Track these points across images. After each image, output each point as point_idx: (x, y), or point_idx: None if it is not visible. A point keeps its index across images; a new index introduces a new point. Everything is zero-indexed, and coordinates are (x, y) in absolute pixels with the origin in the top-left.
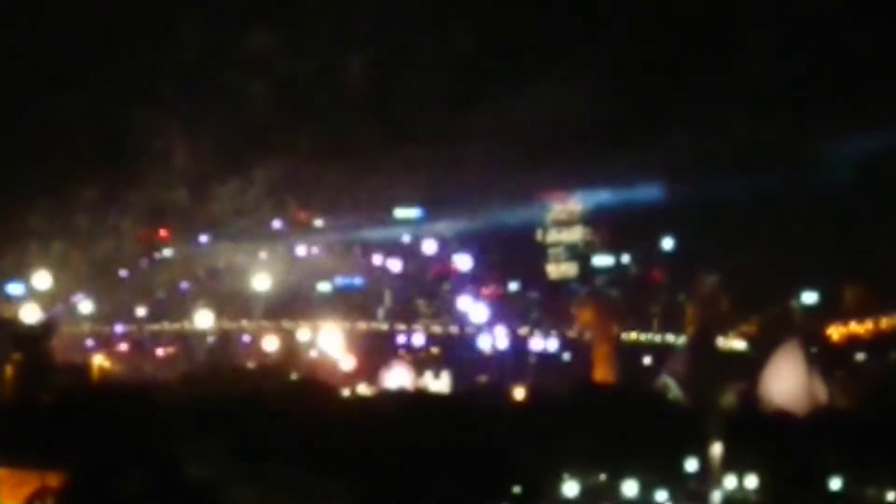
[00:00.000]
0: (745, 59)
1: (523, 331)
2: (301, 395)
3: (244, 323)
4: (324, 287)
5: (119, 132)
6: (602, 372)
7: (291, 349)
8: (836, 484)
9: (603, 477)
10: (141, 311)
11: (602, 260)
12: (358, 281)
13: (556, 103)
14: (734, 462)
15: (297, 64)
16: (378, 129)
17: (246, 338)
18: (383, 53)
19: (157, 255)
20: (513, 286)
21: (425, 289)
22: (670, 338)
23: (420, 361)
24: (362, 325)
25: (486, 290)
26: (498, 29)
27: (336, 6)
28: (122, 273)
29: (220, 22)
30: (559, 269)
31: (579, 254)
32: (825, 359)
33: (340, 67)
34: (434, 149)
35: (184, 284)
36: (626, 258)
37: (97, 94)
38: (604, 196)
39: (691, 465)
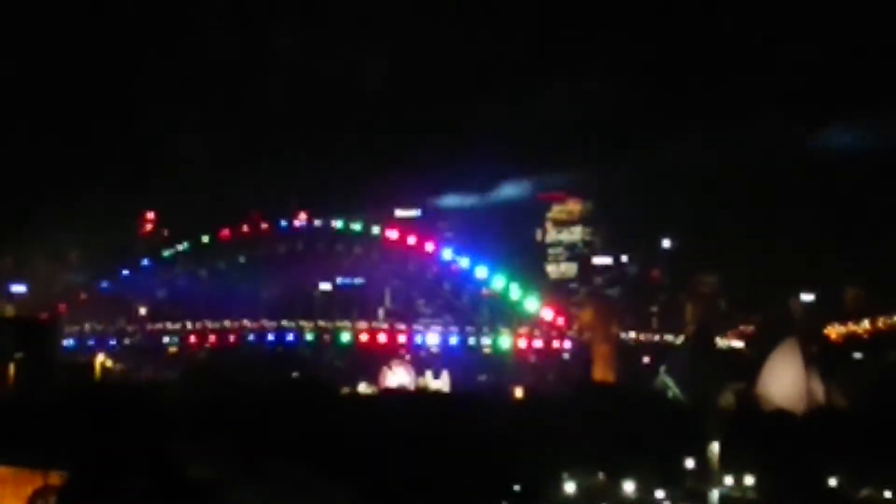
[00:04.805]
0: (747, 62)
1: (523, 330)
2: (302, 395)
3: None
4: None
5: (130, 132)
6: (601, 371)
7: None
8: (833, 482)
9: (602, 476)
10: None
11: (602, 260)
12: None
13: (558, 105)
14: (732, 461)
15: (296, 65)
16: (379, 130)
17: None
18: (388, 55)
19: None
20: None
21: (425, 289)
22: (669, 337)
23: (420, 361)
24: None
25: (486, 291)
26: (502, 31)
27: (337, 7)
28: None
29: (222, 22)
30: (558, 269)
31: (578, 254)
32: (823, 358)
33: (346, 68)
34: (436, 150)
35: None
36: (625, 258)
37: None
38: (604, 196)
39: (690, 464)
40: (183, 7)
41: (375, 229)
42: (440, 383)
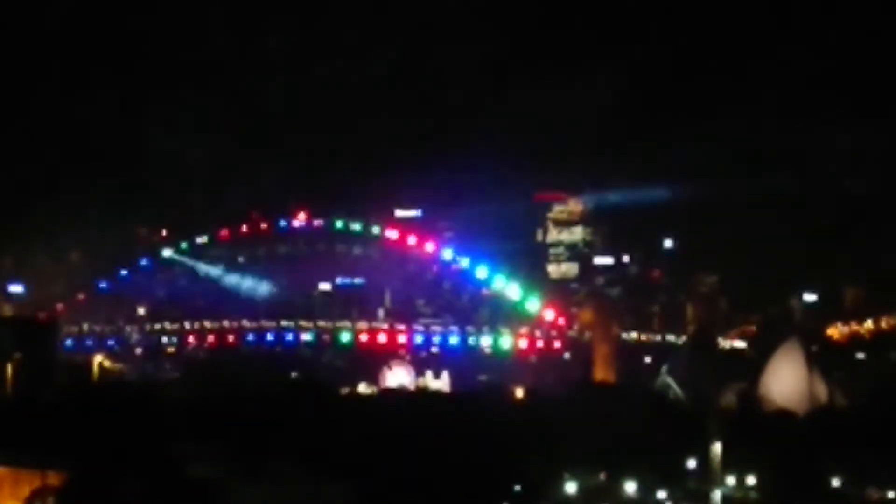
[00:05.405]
0: (748, 62)
1: (523, 330)
2: (301, 395)
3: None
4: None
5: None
6: (602, 372)
7: None
8: (836, 483)
9: (603, 476)
10: None
11: (602, 260)
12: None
13: (559, 105)
14: (734, 461)
15: (296, 64)
16: (380, 129)
17: None
18: (388, 54)
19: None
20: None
21: (425, 289)
22: (670, 338)
23: (420, 361)
24: None
25: (486, 291)
26: (503, 31)
27: (337, 6)
28: None
29: (222, 20)
30: (559, 269)
31: (579, 254)
32: (825, 358)
33: (346, 67)
34: (436, 150)
35: None
36: (626, 258)
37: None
38: (604, 196)
39: (691, 464)
40: (182, 6)
41: (375, 229)
42: (440, 383)
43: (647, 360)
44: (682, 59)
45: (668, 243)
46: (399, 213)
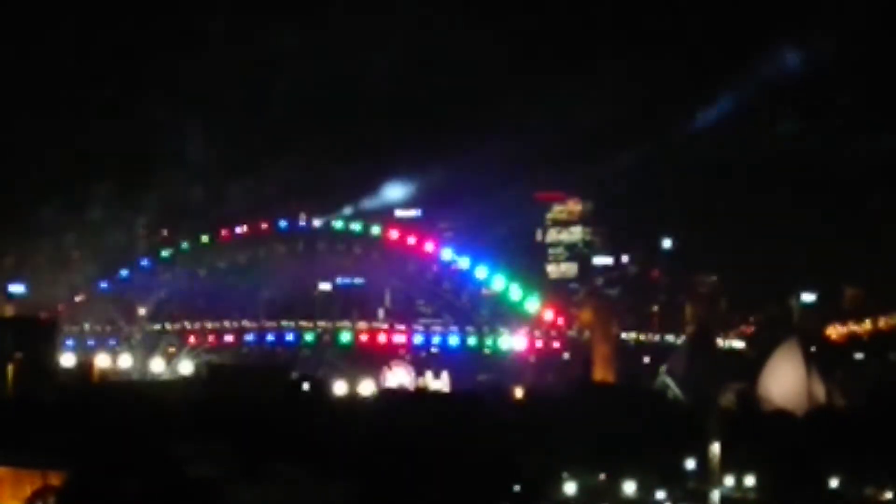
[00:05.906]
0: (749, 63)
1: (523, 330)
2: (301, 395)
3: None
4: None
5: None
6: (602, 372)
7: None
8: (834, 483)
9: (602, 476)
10: None
11: (601, 260)
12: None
13: (559, 105)
14: (733, 461)
15: (297, 65)
16: (380, 129)
17: None
18: (388, 55)
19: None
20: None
21: (425, 289)
22: (670, 338)
23: (420, 361)
24: None
25: (486, 291)
26: (502, 30)
27: (340, 9)
28: None
29: (224, 22)
30: (558, 269)
31: (578, 254)
32: (824, 358)
33: (346, 69)
34: (435, 149)
35: None
36: (625, 258)
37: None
38: (603, 196)
39: (690, 464)
40: (184, 7)
41: (375, 229)
42: (440, 383)
43: (647, 360)
44: (684, 59)
45: (667, 243)
46: (399, 213)
